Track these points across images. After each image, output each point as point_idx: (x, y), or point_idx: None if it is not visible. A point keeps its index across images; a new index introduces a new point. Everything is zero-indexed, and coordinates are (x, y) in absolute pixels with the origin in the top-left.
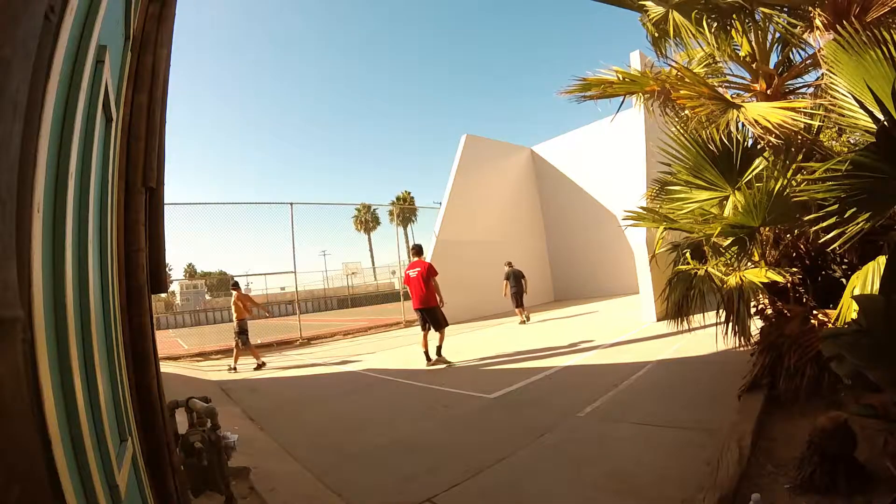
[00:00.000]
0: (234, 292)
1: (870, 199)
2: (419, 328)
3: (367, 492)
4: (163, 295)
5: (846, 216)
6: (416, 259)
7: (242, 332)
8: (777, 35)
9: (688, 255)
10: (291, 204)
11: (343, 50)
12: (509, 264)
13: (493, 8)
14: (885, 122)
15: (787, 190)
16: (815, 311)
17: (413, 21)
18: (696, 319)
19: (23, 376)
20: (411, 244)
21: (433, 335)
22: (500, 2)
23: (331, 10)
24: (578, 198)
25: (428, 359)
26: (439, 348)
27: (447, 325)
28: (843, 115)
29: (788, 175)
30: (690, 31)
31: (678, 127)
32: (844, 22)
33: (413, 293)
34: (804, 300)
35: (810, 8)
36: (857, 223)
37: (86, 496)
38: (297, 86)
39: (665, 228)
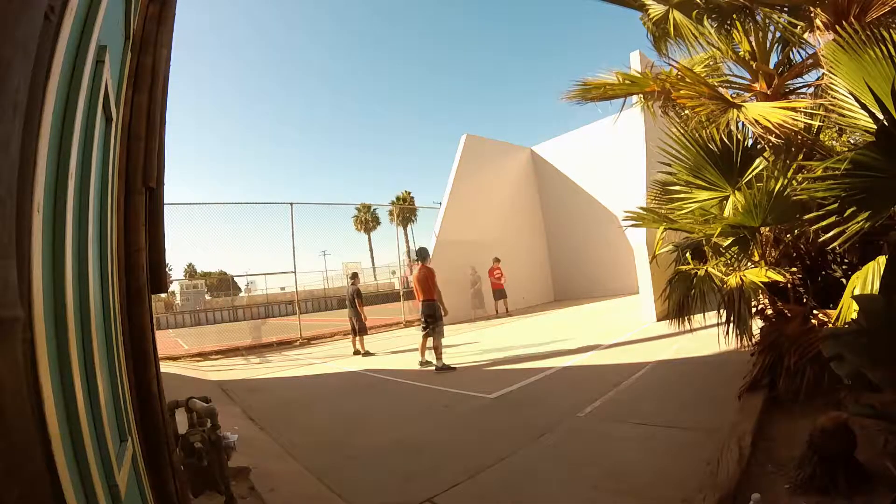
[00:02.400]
0: (419, 265)
1: (870, 198)
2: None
3: (367, 492)
4: (163, 295)
5: (846, 215)
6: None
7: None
8: (777, 35)
9: (688, 255)
10: (291, 204)
11: (343, 49)
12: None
13: (494, 8)
14: (885, 122)
15: (788, 190)
16: (815, 311)
17: (413, 21)
18: (697, 319)
19: (23, 376)
20: (412, 244)
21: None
22: (501, 2)
23: (331, 10)
24: (578, 198)
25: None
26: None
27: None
28: (843, 115)
29: (789, 175)
30: (691, 31)
31: (678, 127)
32: (844, 22)
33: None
34: (804, 300)
35: (810, 8)
36: (857, 222)
37: (86, 496)
38: (297, 85)
39: (665, 229)
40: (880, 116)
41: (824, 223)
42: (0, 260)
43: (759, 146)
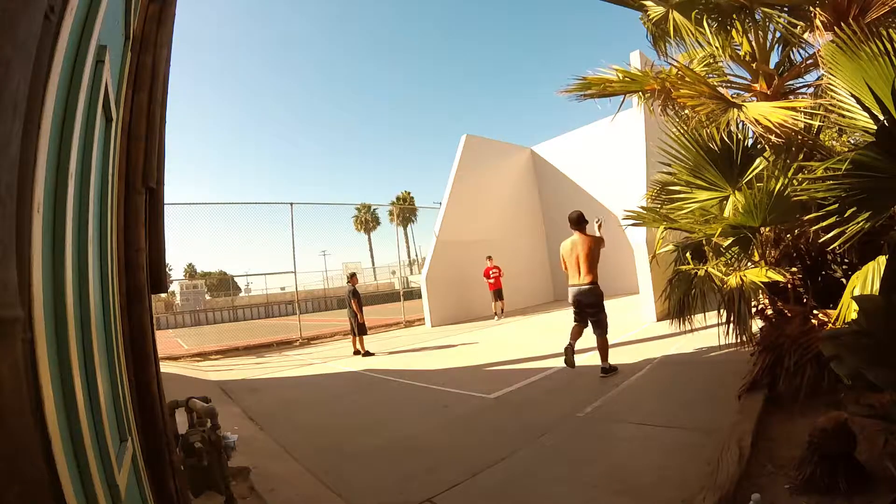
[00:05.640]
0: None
1: (870, 198)
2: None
3: (367, 492)
4: (163, 295)
5: (846, 216)
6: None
7: None
8: (777, 35)
9: (688, 255)
10: (291, 204)
11: (343, 49)
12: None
13: (494, 7)
14: (885, 122)
15: (788, 190)
16: (815, 311)
17: (413, 20)
18: (697, 319)
19: (23, 376)
20: (412, 244)
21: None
22: (501, 1)
23: (330, 9)
24: (578, 198)
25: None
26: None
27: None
28: (843, 116)
29: (789, 175)
30: (690, 31)
31: (679, 127)
32: (843, 23)
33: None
34: (804, 300)
35: (810, 8)
36: (858, 222)
37: (86, 496)
38: (297, 85)
39: (665, 228)
40: (880, 117)
41: (824, 223)
42: (0, 260)
43: (759, 146)
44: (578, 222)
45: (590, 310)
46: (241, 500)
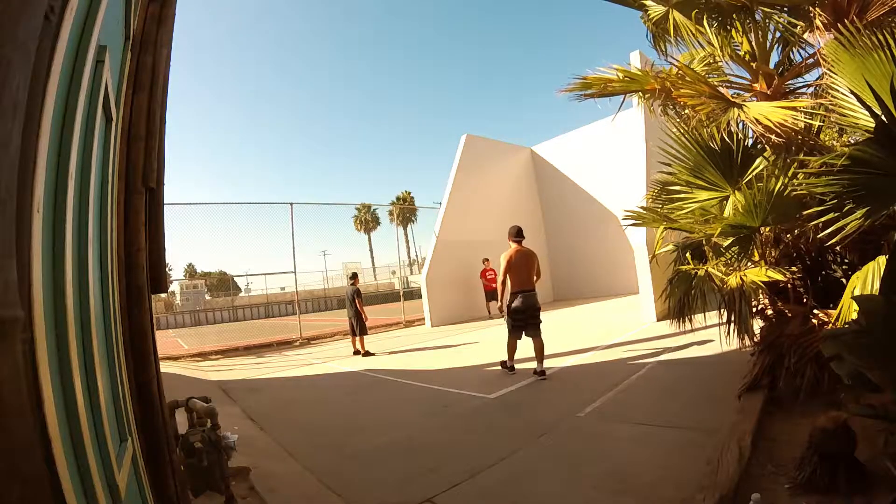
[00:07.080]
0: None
1: (868, 195)
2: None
3: (367, 492)
4: (163, 295)
5: (844, 211)
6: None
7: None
8: (777, 35)
9: (688, 255)
10: (291, 204)
11: (342, 48)
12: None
13: (494, 7)
14: (884, 119)
15: (788, 189)
16: (815, 311)
17: (413, 20)
18: (697, 319)
19: (23, 376)
20: (412, 244)
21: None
22: (501, 1)
23: (330, 8)
24: (578, 198)
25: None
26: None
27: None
28: (844, 115)
29: (789, 174)
30: (691, 31)
31: (679, 126)
32: (846, 20)
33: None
34: (804, 300)
35: (810, 8)
36: (856, 219)
37: (86, 496)
38: (297, 85)
39: (665, 228)
40: (879, 113)
41: (823, 219)
42: (0, 260)
43: (759, 146)
44: (523, 235)
45: (537, 313)
46: (241, 500)
